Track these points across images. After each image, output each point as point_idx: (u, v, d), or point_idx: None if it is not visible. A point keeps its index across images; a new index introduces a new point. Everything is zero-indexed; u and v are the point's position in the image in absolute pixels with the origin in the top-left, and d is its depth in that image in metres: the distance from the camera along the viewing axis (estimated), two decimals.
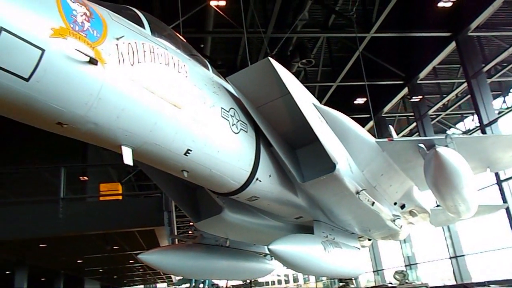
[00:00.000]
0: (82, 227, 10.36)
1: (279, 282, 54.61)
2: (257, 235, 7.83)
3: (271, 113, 5.59)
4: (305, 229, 7.57)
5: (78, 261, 15.98)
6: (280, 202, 6.38)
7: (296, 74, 19.55)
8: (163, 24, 4.73)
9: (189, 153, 4.56)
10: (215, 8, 13.76)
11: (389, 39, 17.94)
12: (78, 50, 3.11)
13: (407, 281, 13.06)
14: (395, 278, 13.20)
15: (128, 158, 4.00)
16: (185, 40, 5.15)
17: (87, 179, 16.44)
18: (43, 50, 2.91)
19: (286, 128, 5.87)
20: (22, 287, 13.56)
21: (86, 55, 3.16)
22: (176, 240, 11.53)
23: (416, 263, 23.82)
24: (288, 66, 16.73)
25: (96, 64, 3.30)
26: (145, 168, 6.15)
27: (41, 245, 11.59)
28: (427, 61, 17.76)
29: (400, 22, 17.16)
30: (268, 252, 10.24)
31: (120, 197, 15.16)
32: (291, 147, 6.17)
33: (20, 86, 2.93)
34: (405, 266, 23.85)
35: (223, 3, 13.35)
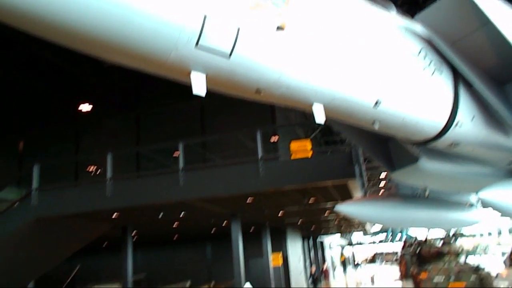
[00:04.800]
0: (280, 183, 11.35)
1: (489, 234, 49.50)
2: (460, 184, 7.20)
3: (470, 48, 4.91)
4: None
5: (280, 214, 17.59)
6: (486, 146, 5.70)
7: None
8: None
9: (379, 104, 4.43)
10: None
11: None
12: (267, 21, 3.29)
13: None
14: None
15: (319, 116, 4.12)
16: None
17: (277, 138, 17.79)
18: (238, 27, 3.17)
19: (490, 62, 5.09)
20: (237, 236, 15.73)
21: (274, 24, 3.33)
22: (368, 193, 11.60)
23: None
24: None
25: (283, 30, 3.44)
26: (336, 123, 6.24)
27: (247, 201, 13.17)
28: None
29: None
30: (473, 202, 9.41)
31: (309, 154, 15.89)
32: (498, 83, 5.37)
33: (223, 63, 3.27)
34: None
35: None
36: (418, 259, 16.51)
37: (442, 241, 19.27)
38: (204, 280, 18.08)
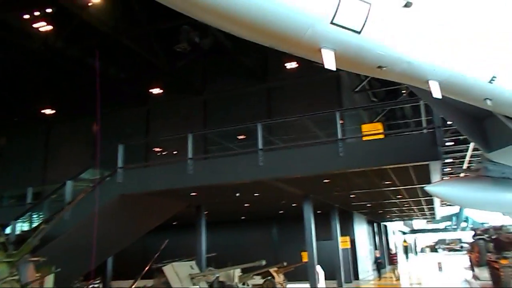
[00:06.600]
0: (360, 164, 11.31)
1: None
2: None
3: None
4: None
5: (351, 196, 17.51)
6: None
7: None
8: None
9: (494, 80, 4.40)
10: None
11: None
12: None
13: None
14: None
15: (435, 92, 4.18)
16: None
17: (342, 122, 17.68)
18: (370, 4, 3.30)
19: None
20: (310, 217, 15.84)
21: (403, 0, 3.42)
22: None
23: None
24: None
25: (410, 7, 3.52)
26: (431, 101, 6.21)
27: (324, 181, 13.25)
28: None
29: None
30: None
31: (381, 136, 15.66)
32: None
33: (353, 39, 3.42)
34: None
35: None
36: (496, 246, 15.84)
37: None
38: (270, 262, 18.42)
